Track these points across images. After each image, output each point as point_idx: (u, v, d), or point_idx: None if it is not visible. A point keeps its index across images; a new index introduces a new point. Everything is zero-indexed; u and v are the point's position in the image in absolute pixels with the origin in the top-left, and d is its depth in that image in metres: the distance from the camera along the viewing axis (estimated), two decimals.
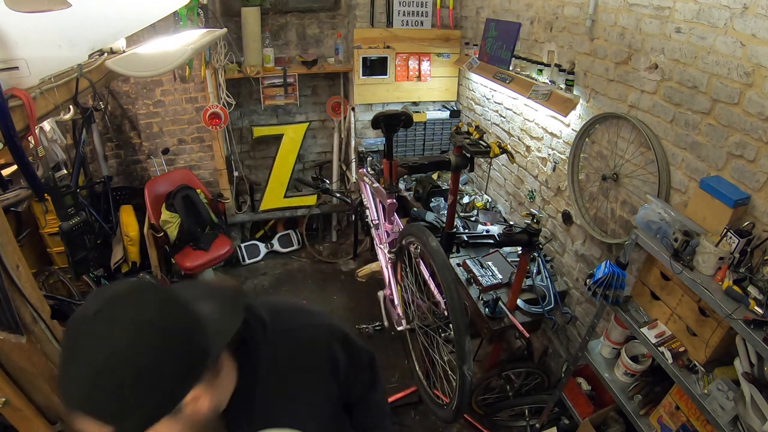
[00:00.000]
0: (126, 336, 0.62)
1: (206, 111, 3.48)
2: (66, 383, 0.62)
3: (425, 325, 1.97)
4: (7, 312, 0.99)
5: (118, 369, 0.60)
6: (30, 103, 1.20)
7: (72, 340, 0.63)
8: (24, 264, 1.09)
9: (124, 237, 3.38)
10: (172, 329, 0.65)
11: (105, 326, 0.62)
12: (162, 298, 0.68)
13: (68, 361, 0.62)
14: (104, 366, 0.60)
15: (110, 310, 0.63)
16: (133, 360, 0.61)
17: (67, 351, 0.63)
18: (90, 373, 0.60)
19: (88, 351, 0.61)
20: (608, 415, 2.07)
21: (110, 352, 0.61)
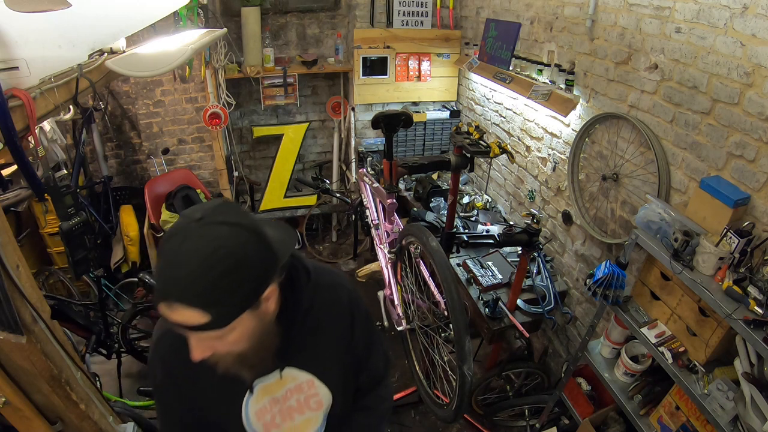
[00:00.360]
0: (228, 234, 0.73)
1: (206, 111, 3.48)
2: (172, 277, 0.71)
3: (425, 325, 1.97)
4: (7, 312, 0.99)
5: (224, 260, 0.71)
6: (30, 103, 1.20)
7: (179, 241, 0.71)
8: (24, 264, 1.09)
9: (124, 237, 3.38)
10: (258, 232, 0.77)
11: (209, 227, 0.72)
12: (244, 210, 0.81)
13: (176, 257, 0.71)
14: (213, 257, 0.70)
15: (211, 216, 0.73)
16: (234, 253, 0.72)
17: (174, 249, 0.71)
18: (200, 264, 0.70)
19: (197, 246, 0.71)
20: (608, 415, 2.07)
21: (217, 245, 0.71)
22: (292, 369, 0.97)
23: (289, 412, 0.99)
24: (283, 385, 0.98)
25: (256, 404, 0.97)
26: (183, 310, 0.71)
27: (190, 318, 0.72)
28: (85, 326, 2.51)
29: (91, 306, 2.74)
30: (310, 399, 1.00)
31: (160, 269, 0.73)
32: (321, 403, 1.01)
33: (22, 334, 1.03)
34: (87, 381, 1.31)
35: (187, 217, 0.74)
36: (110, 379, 2.71)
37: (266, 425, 0.99)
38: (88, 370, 1.73)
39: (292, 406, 0.99)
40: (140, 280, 2.63)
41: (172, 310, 0.72)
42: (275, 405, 0.98)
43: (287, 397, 0.98)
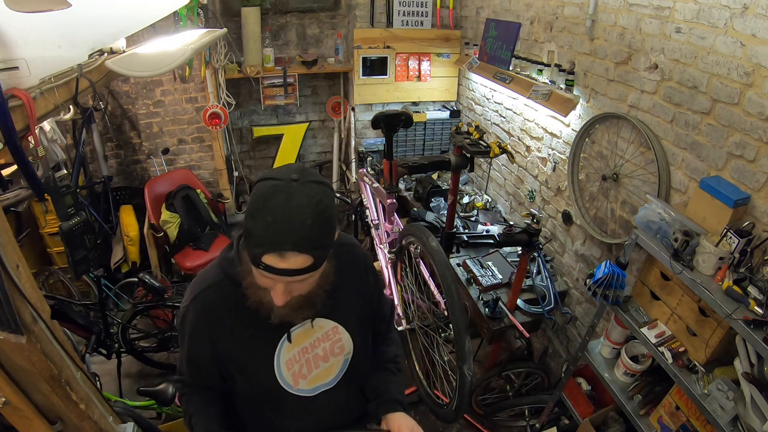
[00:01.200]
0: (322, 190, 0.85)
1: (206, 111, 3.48)
2: (287, 229, 0.80)
3: (425, 325, 1.97)
4: (7, 312, 0.99)
5: (325, 211, 0.84)
6: (30, 103, 1.19)
7: (286, 198, 0.81)
8: (24, 264, 1.09)
9: (124, 237, 3.38)
10: (332, 188, 0.91)
11: (308, 186, 0.84)
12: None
13: (288, 211, 0.81)
14: (318, 209, 0.83)
15: (304, 176, 0.85)
16: (329, 206, 0.86)
17: (283, 205, 0.81)
18: (311, 216, 0.82)
19: (304, 202, 0.82)
20: (608, 415, 2.07)
21: (318, 199, 0.83)
22: (319, 319, 1.07)
23: (315, 360, 1.09)
24: (313, 334, 1.08)
25: (287, 354, 1.05)
26: (295, 257, 0.82)
27: (300, 262, 0.83)
28: (85, 326, 2.51)
29: (91, 306, 2.74)
30: (335, 345, 1.11)
31: (270, 223, 0.81)
32: (343, 347, 1.12)
33: (22, 334, 1.03)
34: (87, 381, 1.31)
35: (282, 178, 0.83)
36: (110, 379, 2.71)
37: (294, 375, 1.07)
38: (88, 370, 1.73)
39: (318, 354, 1.09)
40: (140, 280, 2.63)
41: (283, 258, 0.82)
42: (304, 354, 1.07)
43: (315, 346, 1.08)
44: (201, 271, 1.08)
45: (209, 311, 1.02)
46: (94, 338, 2.53)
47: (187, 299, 1.04)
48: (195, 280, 1.06)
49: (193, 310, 1.02)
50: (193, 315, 1.02)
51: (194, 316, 1.02)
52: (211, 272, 1.04)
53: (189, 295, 1.04)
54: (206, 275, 1.04)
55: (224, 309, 1.01)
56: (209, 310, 1.01)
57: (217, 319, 1.01)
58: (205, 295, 1.02)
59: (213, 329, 1.02)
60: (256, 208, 0.83)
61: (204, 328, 1.02)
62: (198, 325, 1.03)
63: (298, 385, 1.08)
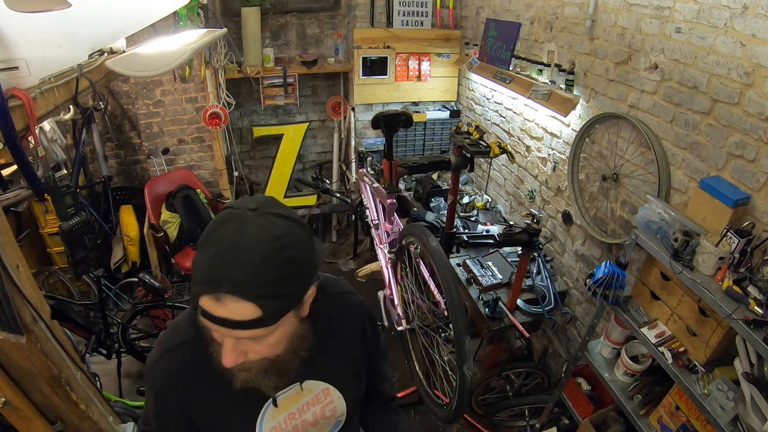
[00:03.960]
0: (286, 226, 0.71)
1: (206, 111, 3.48)
2: (230, 265, 0.66)
3: (425, 325, 1.96)
4: (7, 312, 0.99)
5: (284, 251, 0.68)
6: (30, 103, 1.19)
7: (236, 228, 0.68)
8: (24, 264, 1.09)
9: (124, 237, 3.38)
10: (308, 229, 0.75)
11: (268, 217, 0.70)
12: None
13: (235, 244, 0.67)
14: (275, 246, 0.68)
15: (265, 207, 0.71)
16: (292, 245, 0.70)
17: (230, 236, 0.67)
18: (263, 253, 0.67)
19: (258, 234, 0.67)
20: (608, 415, 2.07)
21: (278, 235, 0.68)
22: (309, 381, 0.93)
23: (304, 426, 0.96)
24: (302, 398, 0.94)
25: (271, 421, 0.92)
26: (235, 303, 0.66)
27: (240, 312, 0.67)
28: (85, 326, 2.51)
29: (91, 306, 2.74)
30: (326, 408, 0.97)
31: (212, 256, 0.67)
32: (335, 410, 0.99)
33: (22, 334, 1.03)
34: (87, 381, 1.31)
35: (238, 207, 0.71)
36: (110, 379, 2.71)
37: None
38: (88, 370, 1.73)
39: (307, 419, 0.96)
40: (140, 280, 2.64)
41: (219, 303, 0.66)
42: (291, 421, 0.94)
43: (304, 411, 0.95)
44: (172, 322, 0.94)
45: (179, 374, 0.87)
46: (94, 338, 2.53)
47: (154, 354, 0.89)
48: (165, 333, 0.92)
49: (161, 369, 0.88)
50: (161, 375, 0.88)
51: (162, 376, 0.88)
52: (182, 326, 0.89)
53: (157, 351, 0.89)
54: (177, 329, 0.90)
55: (196, 371, 0.85)
56: (179, 372, 0.87)
57: (189, 382, 0.87)
58: (175, 355, 0.87)
59: (184, 393, 0.88)
60: (203, 237, 0.70)
61: (173, 391, 0.88)
62: (166, 387, 0.88)
63: None
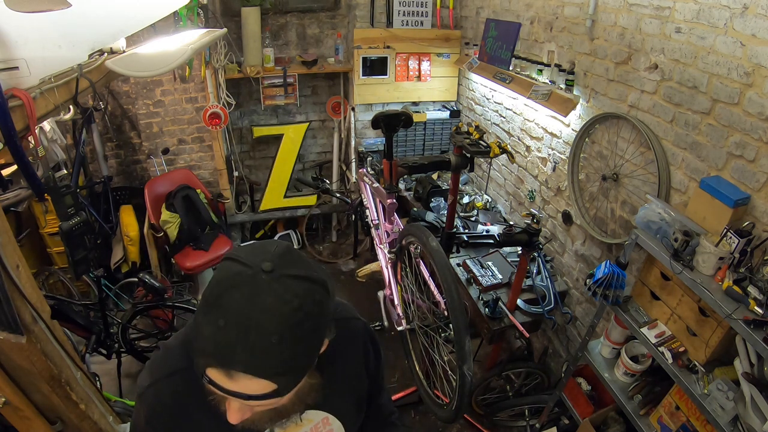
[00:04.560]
0: (304, 292, 0.63)
1: (206, 111, 3.48)
2: (242, 342, 0.59)
3: (425, 325, 1.96)
4: (7, 312, 0.99)
5: (302, 324, 0.62)
6: (30, 103, 1.20)
7: (247, 297, 0.60)
8: (24, 264, 1.09)
9: (124, 237, 3.38)
10: (326, 286, 0.68)
11: (284, 282, 0.62)
12: (305, 257, 0.70)
13: (247, 318, 0.59)
14: (292, 320, 0.60)
15: (282, 267, 0.63)
16: (311, 314, 0.63)
17: (242, 307, 0.60)
18: (279, 330, 0.60)
19: (274, 307, 0.60)
20: (608, 415, 2.07)
21: (296, 306, 0.61)
22: (308, 411, 0.89)
23: None
24: (300, 429, 0.90)
25: None
26: (248, 380, 0.61)
27: (254, 388, 0.62)
28: (85, 326, 2.51)
29: (91, 306, 2.74)
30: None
31: (221, 330, 0.60)
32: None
33: (22, 334, 1.03)
34: (87, 381, 1.31)
35: (250, 265, 0.62)
36: (110, 379, 2.71)
37: None
38: (88, 370, 1.73)
39: None
40: (140, 280, 2.64)
41: (231, 379, 0.61)
42: None
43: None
44: (164, 344, 0.88)
45: (171, 404, 0.81)
46: (94, 338, 2.53)
47: (146, 380, 0.83)
48: (157, 356, 0.86)
49: (152, 396, 0.82)
50: (152, 403, 0.82)
51: (152, 404, 0.82)
52: (175, 354, 0.83)
53: (148, 377, 0.83)
54: (169, 355, 0.84)
55: (189, 402, 0.80)
56: (171, 403, 0.81)
57: (181, 413, 0.82)
58: (167, 384, 0.81)
59: (175, 424, 0.82)
60: (208, 300, 0.62)
61: (163, 421, 0.82)
62: (156, 416, 0.82)
63: None
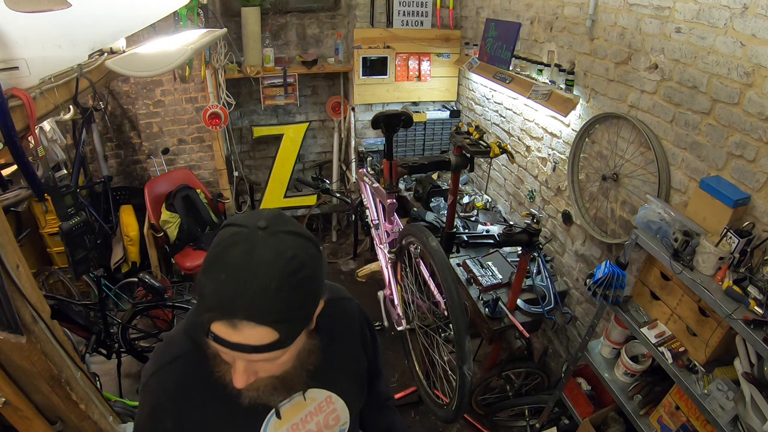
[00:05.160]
0: (298, 244, 0.68)
1: (206, 111, 3.48)
2: (243, 291, 0.63)
3: (425, 325, 1.96)
4: (7, 312, 0.99)
5: (299, 272, 0.67)
6: (30, 103, 1.20)
7: (245, 251, 0.65)
8: (24, 264, 1.09)
9: (124, 237, 3.38)
10: (317, 244, 0.73)
11: (278, 237, 0.67)
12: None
13: (246, 268, 0.64)
14: (289, 268, 0.66)
15: (275, 225, 0.69)
16: (306, 264, 0.68)
17: (241, 260, 0.65)
18: (277, 276, 0.65)
19: (271, 257, 0.65)
20: (608, 415, 2.07)
21: (291, 255, 0.66)
22: (312, 389, 0.92)
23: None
24: (305, 408, 0.93)
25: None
26: (251, 329, 0.65)
27: (257, 337, 0.66)
28: (85, 326, 2.51)
29: (91, 306, 2.74)
30: (330, 417, 0.96)
31: (222, 283, 0.64)
32: (338, 418, 0.97)
33: (22, 334, 1.03)
34: (87, 381, 1.31)
35: (246, 225, 0.67)
36: (110, 379, 2.71)
37: None
38: (88, 370, 1.73)
39: (311, 429, 0.94)
40: (140, 280, 2.64)
41: (235, 329, 0.65)
42: (295, 431, 0.92)
43: (307, 421, 0.93)
44: (167, 334, 0.90)
45: (176, 390, 0.83)
46: (94, 338, 2.53)
47: (150, 369, 0.85)
48: (160, 345, 0.88)
49: (157, 384, 0.84)
50: (158, 390, 0.84)
51: (159, 391, 0.84)
52: (178, 340, 0.86)
53: (152, 365, 0.86)
54: (172, 343, 0.87)
55: (194, 386, 0.82)
56: (176, 388, 0.83)
57: (186, 398, 0.83)
58: (171, 370, 0.83)
59: (180, 411, 0.83)
60: (209, 261, 0.67)
61: (169, 408, 0.83)
62: (162, 403, 0.84)
63: None
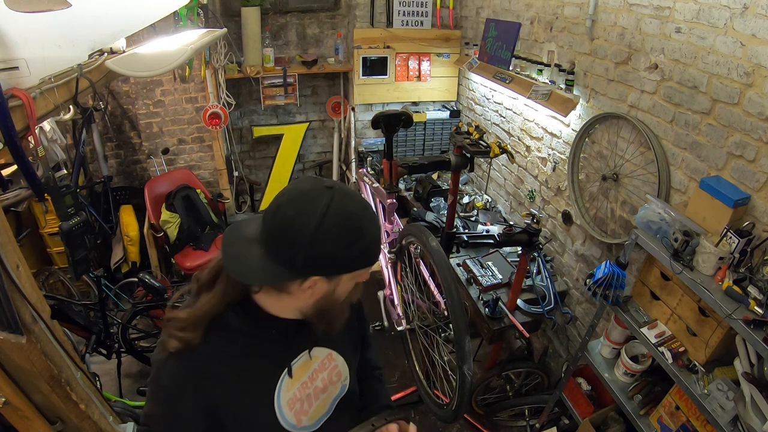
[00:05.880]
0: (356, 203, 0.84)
1: (206, 111, 3.48)
2: (372, 242, 0.83)
3: (425, 325, 1.97)
4: (7, 312, 0.99)
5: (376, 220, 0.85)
6: (30, 103, 1.20)
7: (366, 212, 0.83)
8: (24, 264, 1.09)
9: (124, 237, 3.38)
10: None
11: (350, 193, 0.83)
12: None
13: (375, 225, 0.84)
14: (371, 216, 0.84)
15: (342, 189, 0.82)
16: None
17: (371, 221, 0.83)
18: (373, 216, 0.85)
19: (361, 203, 0.83)
20: (608, 415, 2.07)
21: (367, 203, 0.85)
22: (315, 348, 1.01)
23: (315, 393, 1.02)
24: (311, 366, 1.01)
25: (287, 393, 0.98)
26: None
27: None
28: (85, 326, 2.51)
29: (91, 306, 2.74)
30: (332, 373, 1.05)
31: (373, 241, 0.83)
32: (340, 374, 1.07)
33: (22, 334, 1.03)
34: (87, 381, 1.31)
35: (330, 185, 0.82)
36: (110, 379, 2.71)
37: (297, 413, 0.99)
38: (88, 370, 1.73)
39: (318, 386, 1.02)
40: (140, 280, 2.63)
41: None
42: (304, 390, 1.00)
43: (314, 378, 1.02)
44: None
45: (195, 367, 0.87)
46: (94, 338, 2.53)
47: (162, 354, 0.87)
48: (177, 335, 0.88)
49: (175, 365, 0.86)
50: (175, 371, 0.86)
51: (176, 372, 0.87)
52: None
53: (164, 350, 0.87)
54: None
55: (211, 360, 0.88)
56: (194, 365, 0.87)
57: (207, 373, 0.87)
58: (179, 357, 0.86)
59: (203, 387, 0.87)
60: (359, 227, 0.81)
61: (189, 388, 0.87)
62: (182, 384, 0.87)
63: (302, 424, 0.99)
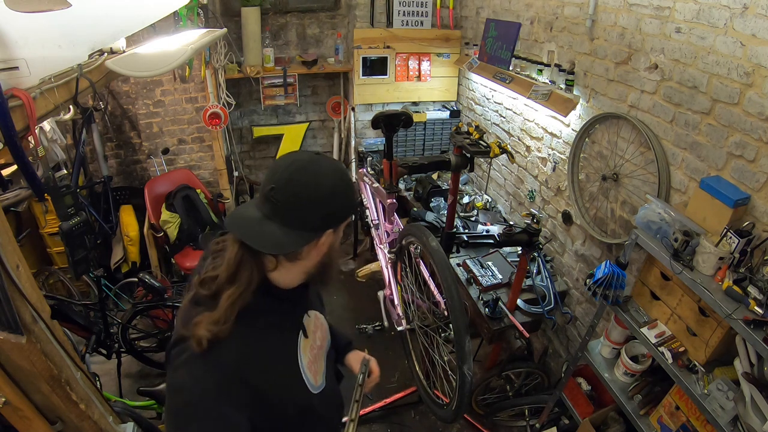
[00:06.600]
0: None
1: (206, 111, 3.48)
2: (350, 196, 0.95)
3: (425, 325, 1.97)
4: (7, 312, 0.99)
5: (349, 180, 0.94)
6: (30, 103, 1.20)
7: (341, 171, 0.92)
8: (24, 264, 1.09)
9: (124, 237, 3.38)
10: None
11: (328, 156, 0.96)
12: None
13: (345, 183, 0.92)
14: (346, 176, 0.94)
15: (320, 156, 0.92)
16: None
17: (326, 180, 0.89)
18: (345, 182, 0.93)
19: (332, 166, 0.91)
20: (608, 415, 2.07)
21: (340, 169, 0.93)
22: (309, 311, 1.12)
23: (319, 352, 1.13)
24: (310, 327, 1.10)
25: (306, 356, 1.06)
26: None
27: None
28: (85, 326, 2.51)
29: (91, 306, 2.74)
30: (324, 331, 1.18)
31: (345, 196, 0.92)
32: (326, 330, 1.21)
33: (22, 334, 1.03)
34: (87, 381, 1.31)
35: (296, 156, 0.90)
36: (110, 379, 2.71)
37: (314, 374, 1.07)
38: (88, 370, 1.72)
39: (320, 345, 1.14)
40: (140, 280, 2.63)
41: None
42: (313, 351, 1.09)
43: (315, 338, 1.12)
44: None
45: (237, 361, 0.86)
46: (94, 338, 2.53)
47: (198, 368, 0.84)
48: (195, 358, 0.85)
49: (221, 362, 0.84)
50: (222, 369, 0.85)
51: (224, 369, 0.85)
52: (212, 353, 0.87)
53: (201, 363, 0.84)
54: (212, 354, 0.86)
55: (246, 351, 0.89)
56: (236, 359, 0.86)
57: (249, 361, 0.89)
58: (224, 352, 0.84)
59: (250, 376, 0.87)
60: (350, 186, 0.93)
61: (237, 381, 0.85)
62: (230, 378, 0.85)
63: (318, 383, 1.07)
